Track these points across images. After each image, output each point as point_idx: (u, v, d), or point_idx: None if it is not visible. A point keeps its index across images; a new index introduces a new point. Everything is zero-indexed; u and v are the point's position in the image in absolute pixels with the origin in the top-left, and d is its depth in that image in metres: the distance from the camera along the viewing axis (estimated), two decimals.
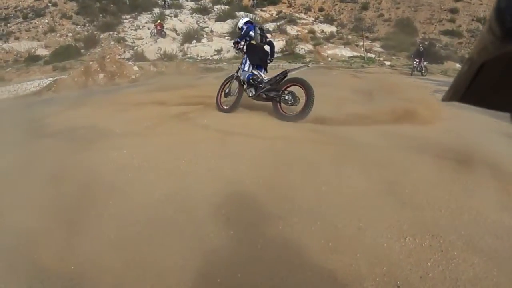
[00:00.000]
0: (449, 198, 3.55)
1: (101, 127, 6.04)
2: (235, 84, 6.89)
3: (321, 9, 29.74)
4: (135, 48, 22.82)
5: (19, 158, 4.73)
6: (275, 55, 7.85)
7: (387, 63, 22.03)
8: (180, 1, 28.94)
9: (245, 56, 6.77)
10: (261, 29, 6.85)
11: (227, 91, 7.00)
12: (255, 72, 6.50)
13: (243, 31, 6.89)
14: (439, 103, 6.69)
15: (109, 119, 6.66)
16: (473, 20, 26.17)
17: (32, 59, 20.96)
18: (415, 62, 18.25)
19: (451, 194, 3.60)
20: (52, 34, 24.25)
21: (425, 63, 18.50)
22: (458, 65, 21.30)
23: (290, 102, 5.95)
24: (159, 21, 24.70)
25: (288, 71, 6.21)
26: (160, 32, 23.81)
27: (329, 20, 28.56)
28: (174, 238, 2.95)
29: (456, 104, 0.51)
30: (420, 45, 19.66)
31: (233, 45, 7.21)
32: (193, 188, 3.78)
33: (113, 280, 2.54)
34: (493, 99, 0.46)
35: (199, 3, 28.77)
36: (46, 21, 25.13)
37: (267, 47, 6.87)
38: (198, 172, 4.16)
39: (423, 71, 18.14)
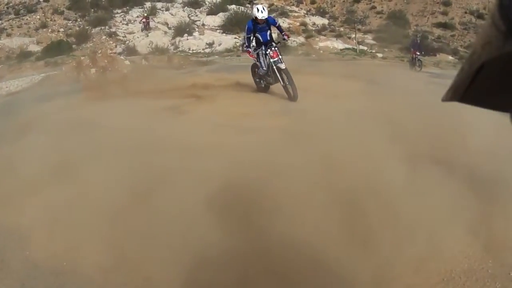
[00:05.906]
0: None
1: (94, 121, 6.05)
2: None
3: (313, 2, 29.48)
4: (127, 42, 22.64)
5: (4, 156, 4.74)
6: None
7: (379, 55, 21.98)
8: None
9: None
10: None
11: None
12: None
13: None
14: None
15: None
16: (466, 12, 26.03)
17: (24, 55, 20.72)
18: (415, 54, 16.16)
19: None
20: (44, 30, 23.91)
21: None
22: (450, 57, 21.34)
23: None
24: (145, 14, 24.62)
25: None
26: (146, 26, 23.73)
27: (321, 12, 28.37)
28: (165, 233, 2.96)
29: None
30: (418, 36, 19.35)
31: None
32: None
33: (105, 276, 2.59)
34: (493, 99, 0.46)
35: None
36: (38, 17, 24.79)
37: None
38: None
39: (418, 64, 16.10)
